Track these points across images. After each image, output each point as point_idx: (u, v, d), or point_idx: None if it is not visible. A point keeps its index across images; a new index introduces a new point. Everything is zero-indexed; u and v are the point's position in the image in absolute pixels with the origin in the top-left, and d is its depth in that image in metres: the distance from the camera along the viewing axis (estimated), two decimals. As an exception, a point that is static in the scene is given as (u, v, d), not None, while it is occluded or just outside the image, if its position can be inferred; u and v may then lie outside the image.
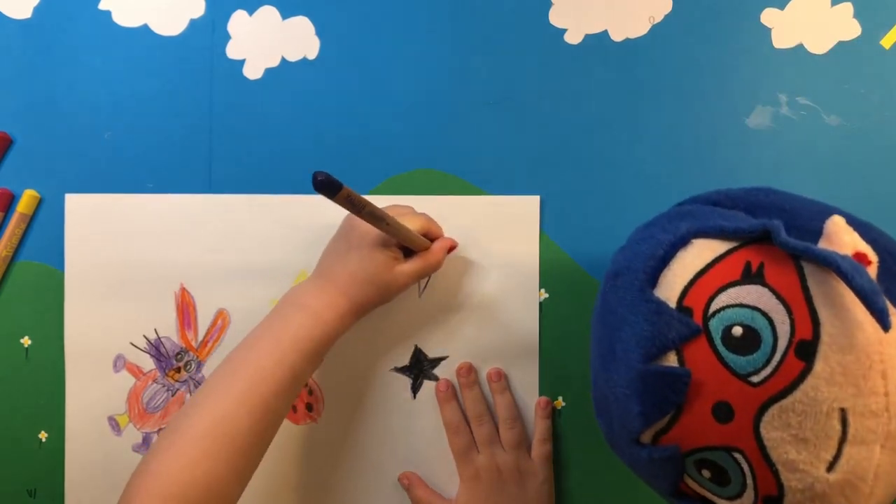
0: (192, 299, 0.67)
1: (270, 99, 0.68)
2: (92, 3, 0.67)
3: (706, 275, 0.43)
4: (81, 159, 0.68)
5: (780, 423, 0.39)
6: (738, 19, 0.65)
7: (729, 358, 0.41)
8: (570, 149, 0.66)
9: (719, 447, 0.42)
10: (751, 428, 0.40)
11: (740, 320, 0.41)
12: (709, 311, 0.42)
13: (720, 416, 0.41)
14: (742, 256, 0.43)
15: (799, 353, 0.39)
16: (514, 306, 0.66)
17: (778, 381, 0.39)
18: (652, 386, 0.43)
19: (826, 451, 0.39)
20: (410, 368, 0.67)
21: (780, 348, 0.39)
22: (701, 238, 0.45)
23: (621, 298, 0.46)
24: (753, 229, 0.43)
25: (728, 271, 0.42)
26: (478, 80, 0.67)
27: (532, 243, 0.66)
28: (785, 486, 0.40)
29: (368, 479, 0.67)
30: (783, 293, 0.40)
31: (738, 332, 0.41)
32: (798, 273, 0.41)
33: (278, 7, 0.67)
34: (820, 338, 0.38)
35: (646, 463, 0.45)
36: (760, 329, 0.40)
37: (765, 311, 0.40)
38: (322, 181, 0.45)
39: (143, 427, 0.68)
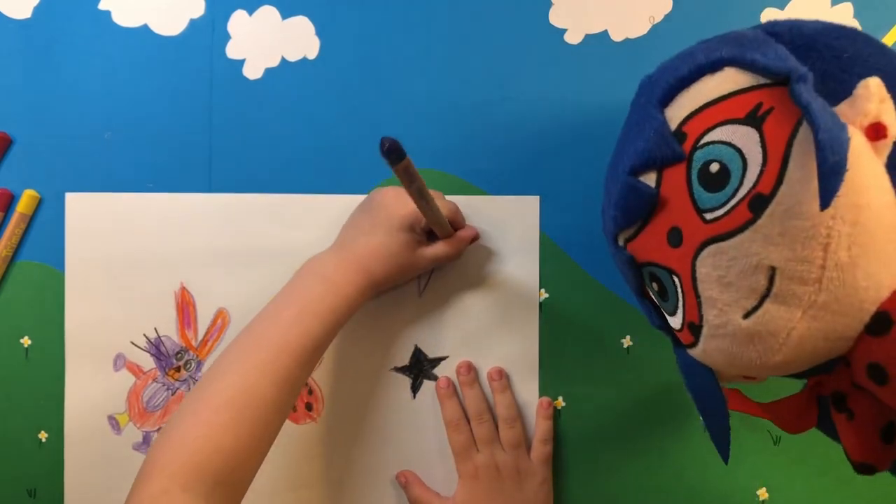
0: (192, 298, 0.67)
1: (270, 99, 0.68)
2: (92, 3, 0.67)
3: (715, 106, 0.43)
4: (81, 159, 0.68)
5: (713, 262, 0.41)
6: (738, 19, 0.65)
7: (697, 191, 0.42)
8: (570, 149, 0.66)
9: (664, 267, 0.45)
10: (690, 258, 0.42)
11: (720, 157, 0.41)
12: (699, 142, 0.42)
13: (672, 239, 0.43)
14: (758, 96, 0.41)
15: (752, 204, 0.39)
16: (514, 306, 0.66)
17: (724, 224, 0.40)
18: (626, 196, 0.46)
19: (747, 300, 0.40)
20: (410, 368, 0.67)
21: (739, 195, 0.40)
22: (734, 68, 0.43)
23: (638, 108, 0.48)
24: (779, 71, 0.40)
25: (737, 107, 0.41)
26: (478, 80, 0.67)
27: (532, 243, 0.66)
28: (704, 318, 0.42)
29: (368, 479, 0.67)
30: (769, 143, 0.39)
31: (714, 168, 0.41)
32: (793, 128, 0.39)
33: (278, 7, 0.67)
34: (775, 196, 0.38)
35: (619, 262, 0.51)
36: (733, 171, 0.40)
37: (744, 155, 0.40)
38: (389, 148, 0.45)
39: (143, 426, 0.68)
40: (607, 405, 0.67)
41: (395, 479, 0.67)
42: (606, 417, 0.67)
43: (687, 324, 0.45)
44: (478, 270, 0.67)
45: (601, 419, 0.67)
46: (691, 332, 0.45)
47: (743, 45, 0.44)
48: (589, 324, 0.66)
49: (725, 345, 0.42)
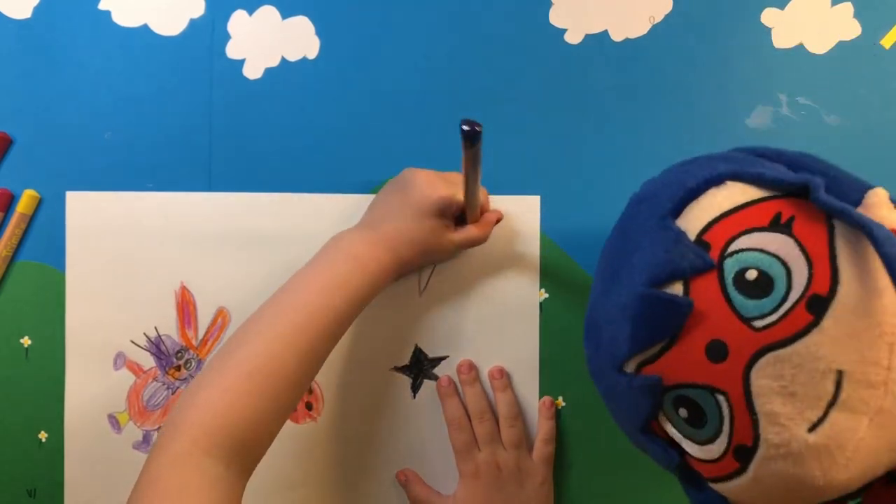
0: (193, 297, 0.67)
1: (270, 99, 0.68)
2: (92, 3, 0.67)
3: (732, 216, 0.42)
4: (81, 159, 0.68)
5: (773, 372, 0.38)
6: (738, 19, 0.65)
7: (736, 299, 0.39)
8: (570, 149, 0.66)
9: (704, 386, 0.41)
10: (741, 371, 0.39)
11: (757, 265, 0.39)
12: (726, 251, 0.41)
13: (713, 354, 0.40)
14: (774, 206, 0.41)
15: (810, 306, 0.37)
16: (514, 306, 0.67)
17: (782, 329, 0.38)
18: (650, 311, 0.42)
19: (812, 410, 0.37)
20: (410, 368, 0.67)
21: (792, 298, 0.38)
22: (737, 182, 0.43)
23: (640, 224, 0.45)
24: (793, 182, 0.41)
25: (756, 217, 0.41)
26: (478, 80, 0.67)
27: (532, 243, 0.66)
28: (761, 438, 0.39)
29: (368, 478, 0.67)
30: (808, 246, 0.39)
31: (752, 275, 0.39)
32: (828, 231, 0.39)
33: (278, 7, 0.67)
34: (836, 295, 0.37)
35: (624, 391, 0.45)
36: (776, 276, 0.39)
37: (784, 260, 0.39)
38: (469, 132, 0.45)
39: (143, 425, 0.68)
40: (607, 405, 0.67)
41: (395, 477, 0.67)
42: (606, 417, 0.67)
43: (734, 449, 0.41)
44: (478, 270, 0.67)
45: (601, 419, 0.67)
46: (738, 458, 0.41)
47: (738, 163, 0.44)
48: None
49: (786, 467, 0.39)
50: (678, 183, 0.45)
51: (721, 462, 0.42)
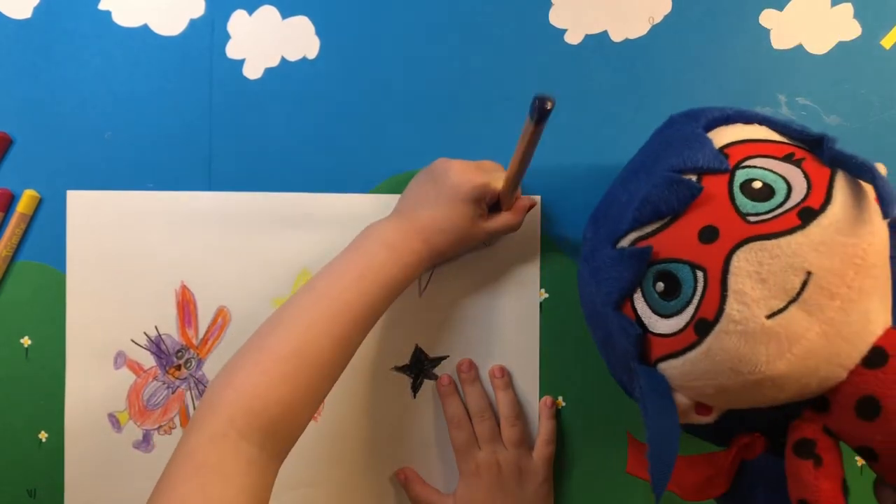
0: (193, 297, 0.67)
1: (270, 99, 0.68)
2: (92, 3, 0.67)
3: (754, 143, 0.48)
4: (81, 159, 0.68)
5: (753, 257, 0.42)
6: (736, 20, 0.65)
7: (739, 198, 0.45)
8: (570, 149, 0.66)
9: (688, 262, 0.45)
10: (726, 252, 0.43)
11: (763, 178, 0.45)
12: (741, 163, 0.47)
13: (705, 236, 0.45)
14: (791, 148, 0.48)
15: (801, 213, 0.42)
16: (514, 306, 0.67)
17: (771, 225, 0.43)
18: (664, 189, 0.47)
19: (776, 300, 0.42)
20: (411, 367, 0.67)
21: (787, 206, 0.43)
22: (764, 126, 0.51)
23: (675, 131, 0.52)
24: (812, 135, 0.47)
25: (773, 150, 0.47)
26: (478, 81, 0.67)
27: (533, 243, 0.66)
28: (725, 312, 0.43)
29: (368, 478, 0.67)
30: (811, 176, 0.44)
31: (757, 184, 0.45)
32: (831, 171, 0.45)
33: (278, 7, 0.67)
34: (825, 210, 0.42)
35: (612, 265, 0.50)
36: (777, 189, 0.44)
37: (787, 180, 0.45)
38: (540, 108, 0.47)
39: (143, 424, 0.68)
40: (607, 405, 0.67)
41: (394, 476, 0.67)
42: (606, 417, 0.67)
43: (696, 321, 0.45)
44: (478, 270, 0.67)
45: (601, 419, 0.67)
46: (697, 330, 0.45)
47: (770, 117, 0.51)
48: (589, 323, 0.66)
49: (737, 343, 0.43)
50: (718, 110, 0.52)
51: (679, 335, 0.46)
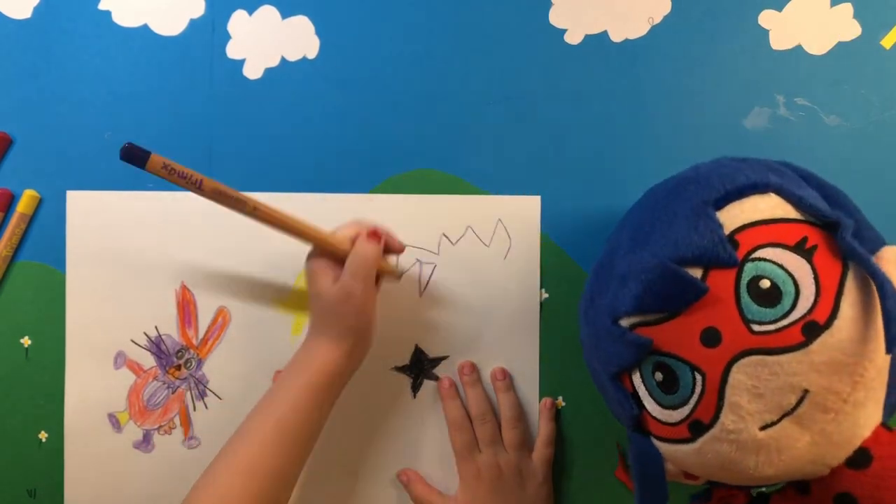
0: (193, 297, 0.67)
1: (270, 99, 0.68)
2: (92, 3, 0.67)
3: (766, 226, 0.45)
4: (81, 159, 0.68)
5: (752, 371, 0.42)
6: (736, 20, 0.65)
7: (745, 300, 0.43)
8: (569, 149, 0.66)
9: (689, 363, 0.45)
10: (726, 362, 0.43)
11: (772, 277, 0.43)
12: (751, 255, 0.44)
13: (707, 339, 0.44)
14: (804, 230, 0.45)
15: (805, 328, 0.42)
16: (514, 306, 0.67)
17: (774, 339, 0.42)
18: (667, 283, 0.45)
19: (770, 414, 0.42)
20: (411, 368, 0.67)
21: (793, 317, 0.42)
22: (780, 196, 0.47)
23: (685, 201, 0.47)
24: (827, 216, 0.45)
25: (786, 234, 0.45)
26: (478, 80, 0.67)
27: (533, 243, 0.66)
28: (719, 420, 0.44)
29: (368, 478, 0.67)
30: (821, 276, 0.43)
31: (765, 284, 0.43)
32: (842, 269, 0.43)
33: (278, 7, 0.67)
34: (830, 328, 0.42)
35: (612, 339, 0.49)
36: (785, 293, 0.43)
37: (797, 281, 0.43)
38: (126, 149, 0.47)
39: (143, 424, 0.68)
40: (607, 405, 0.67)
41: (396, 477, 0.67)
42: (606, 417, 0.67)
43: (691, 421, 0.45)
44: (478, 270, 0.67)
45: (601, 419, 0.67)
46: (691, 430, 0.46)
47: (786, 179, 0.48)
48: (589, 324, 0.66)
49: (729, 450, 0.44)
50: (730, 176, 0.47)
51: (674, 427, 0.47)
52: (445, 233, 0.66)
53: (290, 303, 0.67)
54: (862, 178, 0.64)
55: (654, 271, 0.45)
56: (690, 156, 0.65)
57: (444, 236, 0.66)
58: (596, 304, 0.51)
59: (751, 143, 0.65)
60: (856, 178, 0.64)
